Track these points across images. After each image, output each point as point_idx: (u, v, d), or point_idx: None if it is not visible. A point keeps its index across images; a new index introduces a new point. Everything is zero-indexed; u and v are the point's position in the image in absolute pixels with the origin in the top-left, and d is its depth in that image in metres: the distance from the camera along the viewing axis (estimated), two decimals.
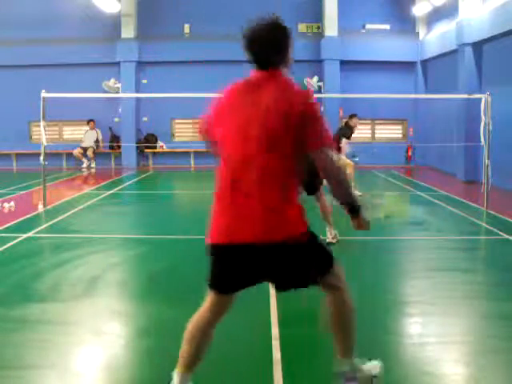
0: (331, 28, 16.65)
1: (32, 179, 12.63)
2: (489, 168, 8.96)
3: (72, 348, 3.76)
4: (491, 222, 8.06)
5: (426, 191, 11.30)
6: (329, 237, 6.53)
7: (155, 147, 17.30)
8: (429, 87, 16.96)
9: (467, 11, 13.14)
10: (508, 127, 11.14)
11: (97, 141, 16.95)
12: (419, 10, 16.43)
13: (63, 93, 11.16)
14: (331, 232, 6.56)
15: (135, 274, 5.84)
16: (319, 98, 14.21)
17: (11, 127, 16.96)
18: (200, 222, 8.86)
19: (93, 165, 16.65)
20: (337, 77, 16.40)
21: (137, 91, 16.77)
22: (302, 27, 17.10)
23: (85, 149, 16.72)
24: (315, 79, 16.58)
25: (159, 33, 16.91)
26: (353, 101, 15.58)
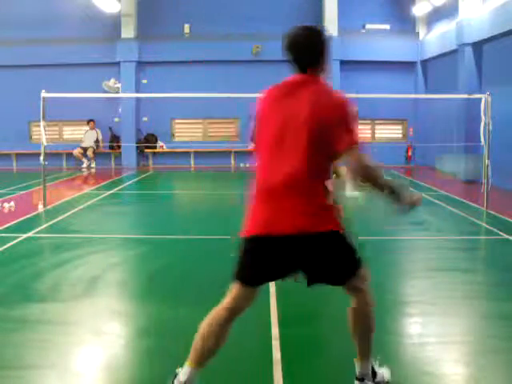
0: (331, 28, 16.59)
1: (32, 179, 12.62)
2: (489, 168, 8.96)
3: (72, 348, 3.76)
4: (491, 222, 8.06)
5: (426, 191, 11.30)
6: None
7: (155, 147, 17.30)
8: (429, 87, 16.96)
9: (467, 11, 13.15)
10: (508, 127, 11.14)
11: (97, 141, 16.95)
12: (419, 10, 16.44)
13: (63, 93, 11.16)
14: None
15: (135, 274, 5.84)
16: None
17: (11, 127, 16.97)
18: (200, 222, 8.90)
19: (93, 165, 16.65)
20: (337, 77, 16.36)
21: (137, 91, 16.77)
22: None
23: (85, 149, 16.72)
24: None
25: (159, 33, 16.91)
26: (353, 101, 15.54)
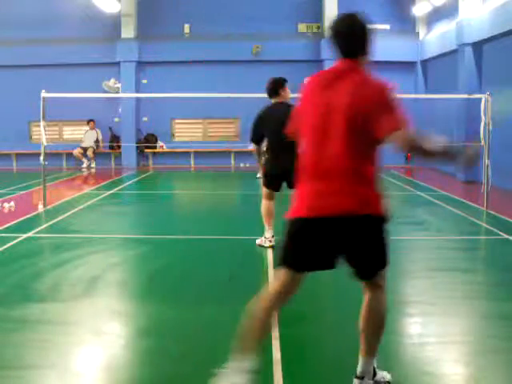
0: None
1: (32, 179, 12.62)
2: (489, 168, 8.95)
3: (72, 348, 3.76)
4: (491, 222, 8.06)
5: (426, 191, 11.30)
6: None
7: (155, 147, 17.29)
8: (429, 87, 16.95)
9: (467, 11, 13.14)
10: (508, 127, 11.13)
11: (97, 141, 16.95)
12: (419, 10, 16.43)
13: (63, 93, 11.15)
14: None
15: (135, 274, 5.84)
16: None
17: (11, 127, 16.96)
18: (200, 222, 8.89)
19: (93, 165, 16.66)
20: None
21: (137, 91, 16.77)
22: (302, 27, 17.09)
23: (85, 149, 16.72)
24: None
25: (159, 33, 16.91)
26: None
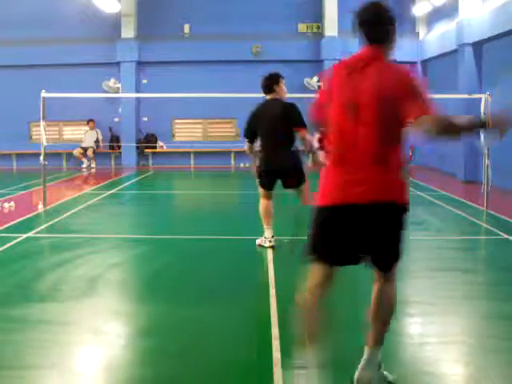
0: (331, 28, 16.64)
1: (32, 179, 12.62)
2: (489, 168, 8.95)
3: (72, 348, 3.76)
4: (491, 222, 8.06)
5: (426, 191, 11.30)
6: None
7: (155, 147, 17.29)
8: (429, 87, 16.92)
9: (467, 11, 13.14)
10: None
11: (97, 141, 16.95)
12: (419, 10, 16.43)
13: (63, 93, 11.16)
14: None
15: (135, 274, 5.84)
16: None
17: (11, 127, 16.95)
18: (200, 222, 8.88)
19: (93, 165, 16.65)
20: None
21: (137, 91, 16.77)
22: (302, 27, 17.08)
23: (85, 149, 16.71)
24: (315, 79, 16.57)
25: (159, 33, 16.90)
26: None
